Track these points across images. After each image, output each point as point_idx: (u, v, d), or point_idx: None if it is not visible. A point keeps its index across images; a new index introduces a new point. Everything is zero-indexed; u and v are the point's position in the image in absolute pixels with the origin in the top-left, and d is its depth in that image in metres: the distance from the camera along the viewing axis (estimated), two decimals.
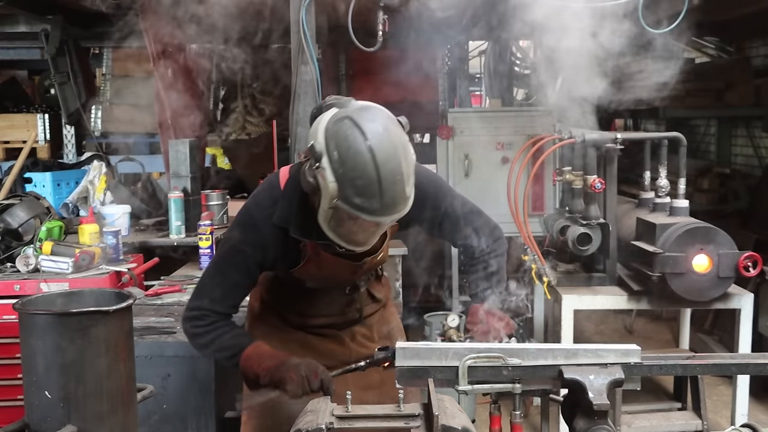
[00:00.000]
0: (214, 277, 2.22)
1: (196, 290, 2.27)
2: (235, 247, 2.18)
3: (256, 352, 2.15)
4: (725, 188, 6.78)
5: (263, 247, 2.15)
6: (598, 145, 3.88)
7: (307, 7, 3.78)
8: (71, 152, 6.63)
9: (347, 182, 1.87)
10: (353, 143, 1.86)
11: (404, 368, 1.81)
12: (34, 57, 7.01)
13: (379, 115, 1.94)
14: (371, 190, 1.86)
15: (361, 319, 2.42)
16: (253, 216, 2.17)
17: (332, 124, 1.91)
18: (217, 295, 2.19)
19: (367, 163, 1.85)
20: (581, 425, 1.71)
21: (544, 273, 4.01)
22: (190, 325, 2.22)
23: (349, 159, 1.86)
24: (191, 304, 2.24)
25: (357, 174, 1.86)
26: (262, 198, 2.20)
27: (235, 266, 2.18)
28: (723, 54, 7.67)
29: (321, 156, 1.88)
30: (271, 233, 2.13)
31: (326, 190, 1.89)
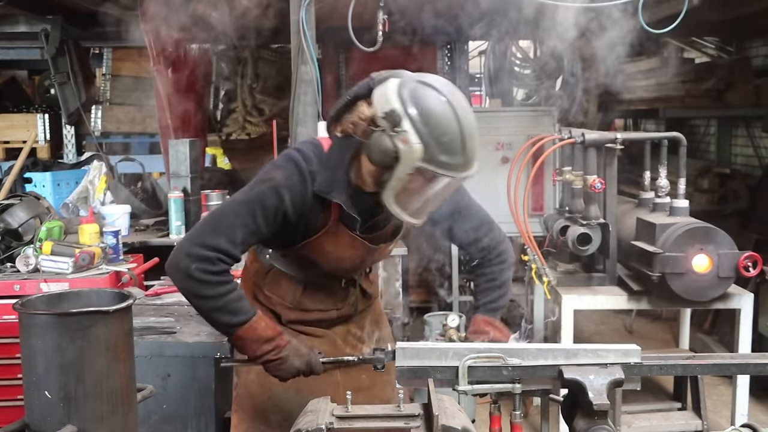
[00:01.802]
0: (241, 215, 2.02)
1: (210, 225, 2.04)
2: (276, 188, 2.02)
3: (250, 335, 2.04)
4: (725, 188, 6.78)
5: (303, 199, 2.05)
6: (598, 145, 3.88)
7: (307, 7, 3.78)
8: (71, 152, 6.63)
9: (433, 140, 1.87)
10: (434, 102, 1.89)
11: (404, 368, 1.81)
12: (34, 57, 7.01)
13: (442, 79, 1.99)
14: (455, 145, 1.89)
15: (356, 313, 2.40)
16: (301, 166, 2.06)
17: (404, 90, 1.90)
18: (237, 237, 2.00)
19: (451, 119, 1.89)
20: (581, 425, 1.71)
21: (544, 273, 4.01)
22: (198, 267, 1.96)
23: (432, 117, 1.87)
24: (205, 240, 1.98)
25: (442, 131, 1.87)
26: (309, 154, 2.09)
27: (269, 209, 2.02)
28: (723, 54, 7.68)
29: (401, 119, 1.86)
30: (311, 193, 2.05)
31: (409, 155, 1.87)
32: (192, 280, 1.99)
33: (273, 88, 7.31)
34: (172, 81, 5.29)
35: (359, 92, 2.00)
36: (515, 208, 4.18)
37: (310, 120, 3.88)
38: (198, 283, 1.99)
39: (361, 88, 2.00)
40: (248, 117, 7.71)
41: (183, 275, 2.00)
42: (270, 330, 2.08)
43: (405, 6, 4.15)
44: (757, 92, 6.67)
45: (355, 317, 2.41)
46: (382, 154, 1.90)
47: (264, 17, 4.66)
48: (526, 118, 5.84)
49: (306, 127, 3.87)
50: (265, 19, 4.79)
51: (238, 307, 2.03)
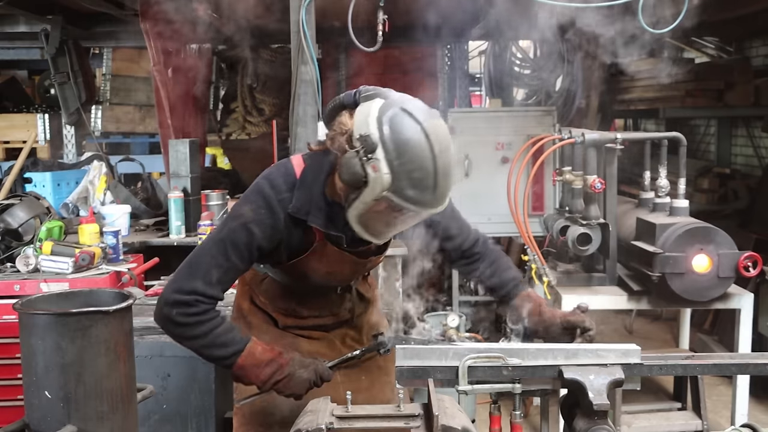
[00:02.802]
0: (214, 256, 2.03)
1: (186, 269, 2.05)
2: (245, 226, 2.02)
3: (250, 363, 2.04)
4: (725, 188, 6.78)
5: (273, 231, 2.04)
6: (598, 145, 3.88)
7: (307, 7, 3.78)
8: (71, 152, 6.63)
9: (403, 174, 1.81)
10: (412, 134, 1.82)
11: (404, 368, 1.81)
12: (34, 57, 7.01)
13: (427, 109, 1.91)
14: (427, 182, 1.83)
15: (352, 319, 2.39)
16: (268, 197, 2.04)
17: (384, 115, 1.84)
18: (213, 278, 2.00)
19: (426, 155, 1.82)
20: (581, 425, 1.71)
21: (544, 273, 4.01)
22: (178, 312, 1.98)
23: (407, 150, 1.81)
24: (181, 285, 2.01)
25: (415, 166, 1.81)
26: (278, 182, 2.07)
27: (240, 246, 2.02)
28: (723, 54, 7.68)
29: (375, 147, 1.81)
30: (283, 219, 2.04)
31: (376, 182, 1.82)
32: (175, 325, 2.01)
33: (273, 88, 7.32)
34: (172, 81, 5.29)
35: (345, 101, 1.98)
36: (515, 208, 4.18)
37: (310, 120, 3.87)
38: (181, 326, 2.01)
39: (347, 98, 1.97)
40: (248, 117, 7.72)
41: (167, 322, 2.01)
42: (268, 352, 2.07)
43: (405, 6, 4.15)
44: (757, 92, 6.66)
45: (353, 321, 2.40)
46: (352, 175, 1.86)
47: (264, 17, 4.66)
48: (526, 118, 5.84)
49: (306, 127, 3.87)
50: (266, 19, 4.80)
51: (228, 340, 2.04)
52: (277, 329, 2.34)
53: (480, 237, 2.34)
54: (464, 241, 2.30)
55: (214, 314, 2.03)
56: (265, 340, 2.28)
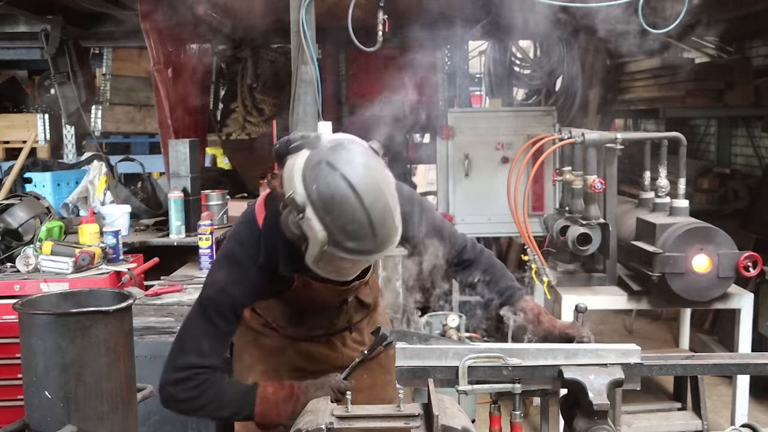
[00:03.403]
0: (199, 326, 2.03)
1: (177, 347, 2.05)
2: (223, 290, 2.02)
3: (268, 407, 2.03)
4: (725, 188, 6.78)
5: (252, 287, 2.05)
6: (598, 145, 3.88)
7: (307, 7, 3.78)
8: (71, 152, 6.63)
9: (337, 229, 1.78)
10: (337, 190, 1.76)
11: (404, 368, 1.81)
12: (34, 57, 7.00)
13: (354, 152, 1.84)
14: (363, 232, 1.78)
15: (351, 327, 2.38)
16: (237, 256, 2.05)
17: (309, 171, 1.79)
18: (204, 348, 2.01)
19: (356, 208, 1.77)
20: (581, 425, 1.71)
21: (544, 273, 4.01)
22: (179, 389, 2.00)
23: (335, 207, 1.76)
24: (175, 363, 2.02)
25: (347, 220, 1.77)
26: (243, 237, 2.08)
27: (223, 311, 2.03)
28: (723, 54, 7.68)
29: (304, 207, 1.78)
30: (257, 272, 2.03)
31: (315, 239, 1.80)
32: (181, 402, 2.03)
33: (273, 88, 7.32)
34: (172, 81, 5.29)
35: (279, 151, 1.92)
36: (515, 208, 4.18)
37: (310, 120, 3.87)
38: (187, 402, 2.02)
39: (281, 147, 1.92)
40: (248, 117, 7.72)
41: (172, 402, 2.04)
42: (281, 390, 2.06)
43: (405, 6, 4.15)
44: (757, 92, 6.67)
45: (353, 327, 2.39)
46: (291, 234, 1.84)
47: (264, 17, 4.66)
48: (526, 118, 5.84)
49: (306, 127, 3.86)
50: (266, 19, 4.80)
51: (237, 397, 2.04)
52: (277, 333, 2.34)
53: (468, 242, 2.31)
54: (451, 249, 2.26)
55: (213, 379, 2.03)
56: (266, 344, 2.30)
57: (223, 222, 4.81)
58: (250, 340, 2.34)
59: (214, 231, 4.07)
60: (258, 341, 2.34)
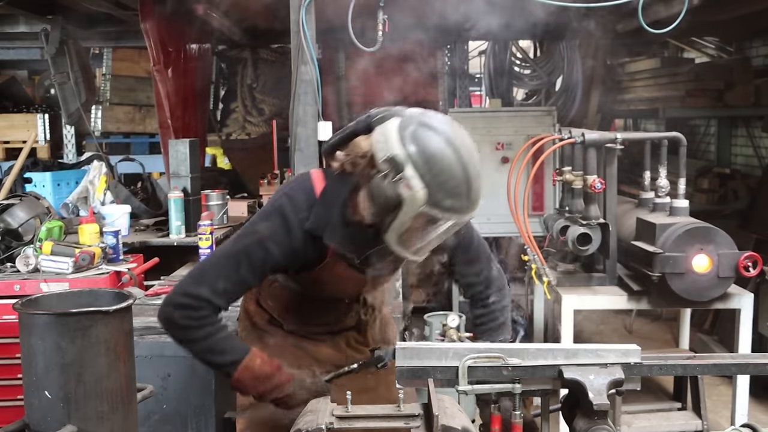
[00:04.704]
0: (224, 267, 2.04)
1: (194, 275, 2.08)
2: (261, 242, 2.03)
3: (247, 376, 2.05)
4: (725, 188, 6.78)
5: (289, 250, 2.04)
6: (598, 145, 3.88)
7: (307, 7, 3.78)
8: (71, 152, 6.64)
9: (437, 186, 1.82)
10: (437, 147, 1.83)
11: (404, 368, 1.80)
12: (34, 57, 7.01)
13: (443, 118, 1.93)
14: (460, 189, 1.85)
15: (358, 326, 2.39)
16: (287, 215, 2.04)
17: (406, 133, 1.85)
18: (219, 287, 2.02)
19: (454, 163, 1.83)
20: (581, 425, 1.71)
21: (544, 273, 4.01)
22: (181, 315, 2.01)
23: (436, 163, 1.82)
24: (186, 289, 2.03)
25: (446, 176, 1.83)
26: (298, 201, 2.07)
27: (254, 263, 2.03)
28: (723, 54, 7.68)
29: (404, 166, 1.82)
30: (300, 237, 2.03)
31: (412, 201, 1.82)
32: (177, 327, 2.04)
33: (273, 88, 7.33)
34: (172, 81, 5.29)
35: (357, 129, 1.98)
36: (515, 208, 4.18)
37: (310, 120, 3.87)
38: (182, 329, 2.04)
39: (359, 124, 1.98)
40: (248, 117, 7.73)
41: (169, 323, 2.05)
42: (267, 366, 2.08)
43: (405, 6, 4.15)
44: (757, 92, 6.67)
45: (359, 328, 2.40)
46: (385, 199, 1.86)
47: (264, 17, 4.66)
48: (526, 118, 5.84)
49: (306, 127, 3.87)
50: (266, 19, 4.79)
51: (227, 347, 2.05)
52: (282, 330, 2.34)
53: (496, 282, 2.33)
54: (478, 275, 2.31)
55: (215, 320, 2.05)
56: (270, 342, 2.29)
57: (223, 222, 4.81)
58: (254, 339, 2.33)
59: (214, 231, 4.07)
60: (262, 339, 2.34)
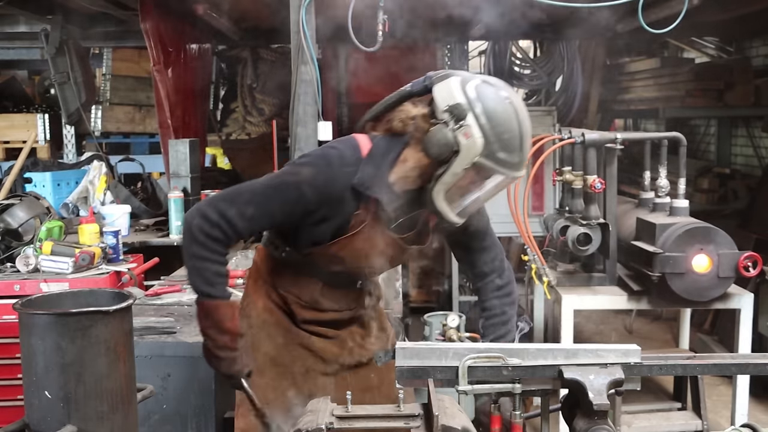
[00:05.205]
0: (258, 195, 2.08)
1: (228, 195, 2.11)
2: (298, 183, 2.06)
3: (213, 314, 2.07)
4: (725, 188, 6.78)
5: (326, 200, 2.07)
6: (598, 145, 3.88)
7: (307, 7, 3.78)
8: (71, 152, 6.63)
9: (494, 137, 1.93)
10: (497, 100, 1.95)
11: (404, 368, 1.80)
12: (34, 57, 7.01)
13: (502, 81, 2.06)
14: (515, 143, 1.95)
15: (365, 314, 2.42)
16: (333, 166, 2.07)
17: (469, 86, 1.96)
18: (247, 213, 2.06)
19: (512, 117, 1.95)
20: (581, 425, 1.71)
21: (544, 273, 4.01)
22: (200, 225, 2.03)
23: (496, 115, 1.93)
24: (217, 205, 2.06)
25: (504, 128, 1.93)
26: (346, 154, 2.09)
27: (286, 199, 2.07)
28: (723, 54, 7.68)
29: (466, 114, 1.92)
30: (341, 190, 2.06)
31: (469, 149, 1.93)
32: (189, 235, 2.06)
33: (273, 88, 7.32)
34: (172, 81, 5.29)
35: (413, 90, 2.06)
36: (515, 208, 4.18)
37: (310, 120, 3.87)
38: (192, 239, 2.05)
39: (416, 86, 2.05)
40: (248, 117, 7.72)
41: (187, 228, 2.08)
42: (229, 323, 2.09)
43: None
44: (757, 92, 6.67)
45: (364, 318, 2.42)
46: (442, 147, 1.95)
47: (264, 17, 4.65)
48: None
49: (306, 127, 3.86)
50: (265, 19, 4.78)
51: (212, 280, 2.07)
52: (293, 327, 2.33)
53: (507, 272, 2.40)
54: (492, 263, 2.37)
55: (223, 250, 2.07)
56: (278, 342, 2.30)
57: None
58: (264, 337, 2.33)
59: None
60: (271, 337, 2.33)
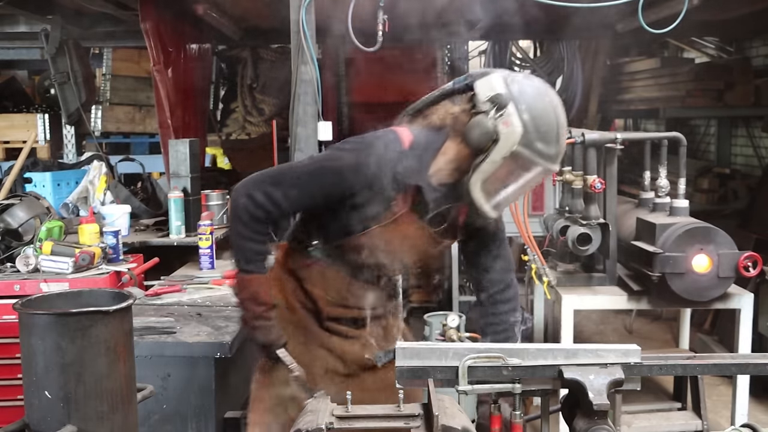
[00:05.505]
0: (301, 177, 2.21)
1: (273, 176, 2.24)
2: (341, 168, 2.17)
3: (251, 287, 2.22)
4: (725, 188, 6.78)
5: (366, 185, 2.14)
6: (598, 145, 3.88)
7: (307, 7, 3.78)
8: (71, 152, 6.63)
9: (533, 127, 2.01)
10: (538, 93, 2.06)
11: (404, 368, 1.81)
12: (34, 57, 7.00)
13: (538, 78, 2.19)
14: (552, 135, 2.04)
15: (386, 314, 2.47)
16: (376, 152, 2.15)
17: (509, 80, 2.06)
18: (291, 194, 2.19)
19: (550, 111, 2.05)
20: (581, 425, 1.71)
21: (544, 273, 4.01)
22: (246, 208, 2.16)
23: (536, 106, 2.03)
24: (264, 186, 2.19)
25: (542, 121, 2.02)
26: (388, 144, 2.17)
27: (328, 182, 2.18)
28: (723, 54, 7.68)
29: (507, 103, 2.01)
30: (382, 179, 2.14)
31: (508, 137, 2.01)
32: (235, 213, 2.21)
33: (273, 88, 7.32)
34: (172, 81, 5.29)
35: (456, 87, 2.16)
36: (515, 208, 4.17)
37: (310, 120, 3.87)
38: (238, 217, 2.20)
39: (458, 83, 2.15)
40: (248, 117, 7.72)
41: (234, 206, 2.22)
42: (265, 295, 2.23)
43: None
44: (757, 92, 6.67)
45: (385, 320, 2.47)
46: (482, 135, 2.03)
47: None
48: None
49: (306, 127, 3.87)
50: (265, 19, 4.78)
51: (252, 258, 2.22)
52: (314, 327, 2.38)
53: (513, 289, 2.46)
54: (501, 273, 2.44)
55: (263, 230, 2.21)
56: (299, 341, 2.37)
57: (223, 222, 4.80)
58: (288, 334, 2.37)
59: (214, 231, 4.07)
60: (292, 336, 2.37)
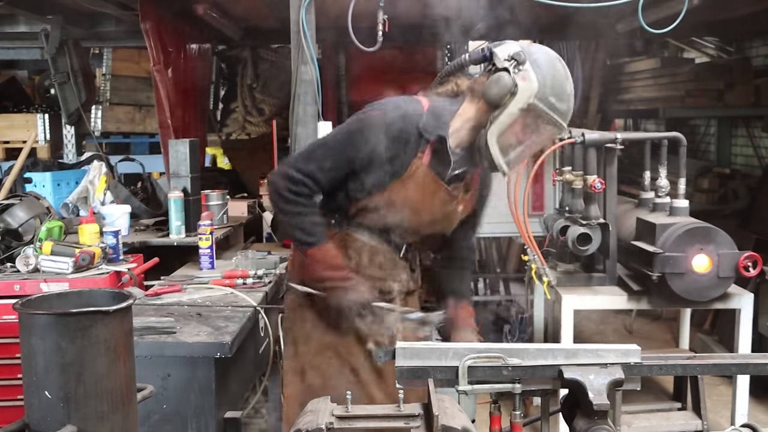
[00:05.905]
0: (331, 148, 2.35)
1: (304, 154, 2.38)
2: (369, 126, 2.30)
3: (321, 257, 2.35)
4: (725, 188, 6.78)
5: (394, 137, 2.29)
6: (598, 145, 3.88)
7: (307, 7, 3.78)
8: (71, 152, 6.63)
9: (548, 82, 2.22)
10: (550, 56, 2.28)
11: (404, 368, 1.81)
12: (34, 57, 7.01)
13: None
14: (564, 92, 2.25)
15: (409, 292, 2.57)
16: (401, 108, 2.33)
17: (524, 45, 2.26)
18: (326, 165, 2.31)
19: (562, 72, 2.27)
20: (581, 425, 1.71)
21: (544, 273, 4.01)
22: (288, 188, 2.30)
23: (550, 65, 2.25)
24: (298, 165, 2.33)
25: (556, 79, 2.24)
26: (408, 109, 2.34)
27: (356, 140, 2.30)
28: (723, 54, 7.68)
29: (525, 60, 2.21)
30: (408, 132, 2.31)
31: (526, 90, 2.20)
32: (280, 197, 2.35)
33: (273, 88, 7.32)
34: (172, 81, 5.28)
35: (473, 58, 2.32)
36: (515, 208, 4.17)
37: (310, 120, 3.87)
38: (283, 199, 2.34)
39: (475, 55, 2.32)
40: (248, 117, 7.72)
41: (275, 192, 2.35)
42: (337, 259, 2.38)
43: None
44: (757, 92, 6.67)
45: (409, 296, 2.58)
46: (501, 89, 2.22)
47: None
48: None
49: (306, 127, 3.86)
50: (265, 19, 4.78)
51: (313, 230, 2.36)
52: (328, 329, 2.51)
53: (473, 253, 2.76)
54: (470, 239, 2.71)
55: (311, 203, 2.37)
56: (314, 342, 2.51)
57: (223, 222, 4.80)
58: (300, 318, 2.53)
59: (214, 231, 4.07)
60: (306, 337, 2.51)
